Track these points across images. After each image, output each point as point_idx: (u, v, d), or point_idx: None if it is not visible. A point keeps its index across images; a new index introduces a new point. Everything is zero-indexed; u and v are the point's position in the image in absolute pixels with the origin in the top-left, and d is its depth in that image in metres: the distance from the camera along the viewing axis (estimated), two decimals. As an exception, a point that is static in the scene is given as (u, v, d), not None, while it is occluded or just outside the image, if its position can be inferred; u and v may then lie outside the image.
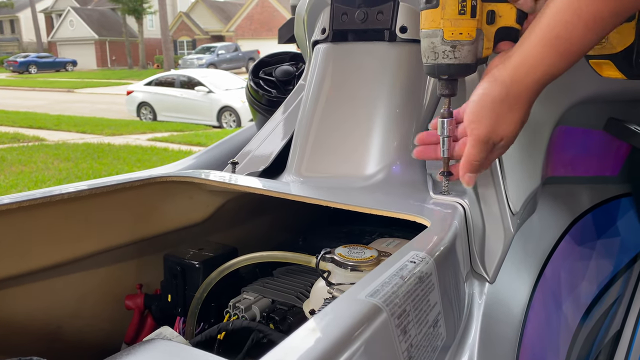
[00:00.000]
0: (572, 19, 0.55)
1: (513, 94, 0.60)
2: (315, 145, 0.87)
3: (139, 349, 0.50)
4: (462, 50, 0.63)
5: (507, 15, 0.64)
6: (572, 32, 0.55)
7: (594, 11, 0.54)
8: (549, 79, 0.59)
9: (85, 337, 0.82)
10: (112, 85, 18.92)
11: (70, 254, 0.77)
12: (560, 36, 0.56)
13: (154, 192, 0.84)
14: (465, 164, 0.65)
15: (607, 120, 1.12)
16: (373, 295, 0.41)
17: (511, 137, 0.63)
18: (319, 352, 0.35)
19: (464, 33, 0.63)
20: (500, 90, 0.60)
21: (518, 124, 0.62)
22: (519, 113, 0.61)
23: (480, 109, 0.62)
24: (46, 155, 6.30)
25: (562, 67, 0.58)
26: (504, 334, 0.68)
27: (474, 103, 0.63)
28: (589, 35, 0.55)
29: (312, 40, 0.94)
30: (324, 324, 0.38)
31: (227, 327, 0.68)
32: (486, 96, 0.62)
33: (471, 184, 0.67)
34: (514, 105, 0.61)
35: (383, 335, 0.40)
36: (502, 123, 0.61)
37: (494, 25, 0.64)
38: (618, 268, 1.22)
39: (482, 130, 0.62)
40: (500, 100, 0.61)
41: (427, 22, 0.65)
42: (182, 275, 0.79)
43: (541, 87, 0.60)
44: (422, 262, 0.49)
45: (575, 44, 0.56)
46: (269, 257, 0.73)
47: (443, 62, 0.65)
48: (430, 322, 0.49)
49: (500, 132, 0.62)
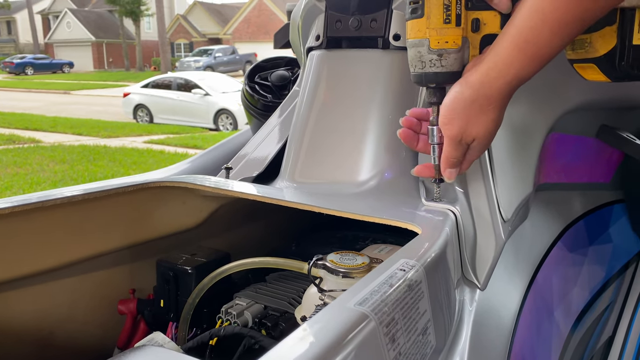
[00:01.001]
0: (537, 24, 0.56)
1: (483, 96, 0.61)
2: (308, 151, 0.87)
3: (129, 356, 0.50)
4: (449, 58, 0.64)
5: (491, 23, 0.65)
6: (539, 37, 0.57)
7: (558, 17, 0.55)
8: (519, 82, 0.61)
9: (78, 342, 0.82)
10: (108, 87, 18.90)
11: (63, 259, 0.77)
12: (528, 40, 0.57)
13: (147, 197, 0.84)
14: (444, 160, 0.68)
15: (599, 127, 1.13)
16: (362, 303, 0.42)
17: (484, 138, 0.65)
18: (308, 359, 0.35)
19: (449, 41, 0.64)
20: (471, 93, 0.62)
21: (490, 125, 0.63)
22: (491, 115, 0.62)
23: (452, 111, 0.64)
24: (42, 157, 6.29)
25: (532, 70, 0.60)
26: (495, 341, 0.68)
27: (446, 105, 0.65)
28: (555, 40, 0.57)
29: (307, 47, 0.95)
30: (312, 332, 0.38)
31: (219, 333, 0.68)
32: (457, 98, 0.63)
33: (452, 178, 0.69)
34: (485, 107, 0.62)
35: (371, 343, 0.40)
36: (474, 124, 0.63)
37: (479, 33, 0.65)
38: (610, 274, 1.22)
39: (453, 131, 0.64)
40: (470, 102, 0.62)
41: (413, 32, 0.66)
42: (174, 281, 0.79)
43: (512, 90, 0.61)
44: (412, 269, 0.50)
45: (543, 48, 0.57)
46: (261, 263, 0.73)
47: (430, 70, 0.66)
48: (420, 330, 0.49)
49: (472, 132, 0.64)
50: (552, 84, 0.92)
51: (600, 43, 0.65)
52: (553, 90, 0.93)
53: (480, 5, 0.64)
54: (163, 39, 22.96)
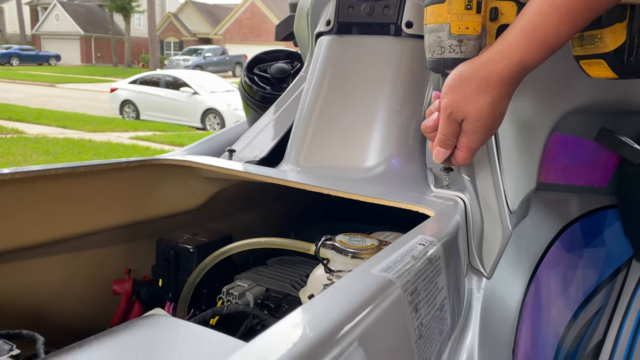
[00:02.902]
0: (547, 11, 0.57)
1: (481, 76, 0.62)
2: (315, 135, 0.86)
3: (137, 324, 0.48)
4: (468, 45, 0.65)
5: (508, 13, 0.65)
6: (547, 24, 0.57)
7: (567, 3, 0.56)
8: (523, 68, 0.61)
9: (69, 320, 0.80)
10: (95, 81, 18.70)
11: (58, 233, 0.75)
12: (537, 27, 0.58)
13: (148, 175, 0.82)
14: (437, 136, 0.68)
15: (599, 130, 1.14)
16: (387, 270, 0.41)
17: (474, 119, 0.64)
18: (335, 321, 0.34)
19: (470, 28, 0.64)
20: (470, 70, 0.63)
21: (484, 107, 0.63)
22: (487, 97, 0.62)
23: (450, 82, 0.64)
24: (25, 148, 6.18)
25: (537, 57, 0.60)
26: (502, 328, 0.68)
27: (448, 78, 0.65)
28: (563, 28, 0.57)
29: (316, 32, 0.94)
30: (339, 294, 0.37)
31: (222, 311, 0.67)
32: (457, 75, 0.64)
33: (438, 159, 0.69)
34: (482, 88, 0.62)
35: (397, 309, 0.39)
36: (467, 101, 0.63)
37: (497, 22, 0.66)
38: (602, 279, 1.23)
39: (445, 101, 0.65)
40: (468, 80, 0.63)
41: (433, 17, 0.66)
42: (175, 260, 0.77)
43: (514, 76, 0.61)
44: (431, 245, 0.49)
45: (550, 35, 0.58)
46: (266, 244, 0.72)
47: (449, 56, 0.66)
48: (438, 305, 0.48)
49: (464, 109, 0.64)
50: (559, 81, 0.92)
51: (611, 39, 0.66)
52: (559, 89, 0.94)
53: None
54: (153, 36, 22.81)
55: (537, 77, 0.69)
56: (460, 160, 0.68)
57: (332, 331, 0.33)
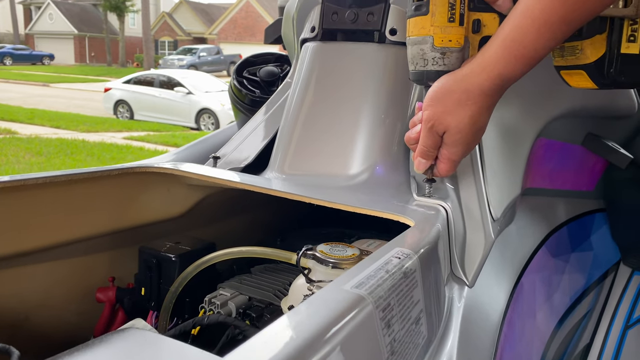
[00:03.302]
0: (525, 24, 0.57)
1: (462, 89, 0.62)
2: (299, 143, 0.86)
3: (112, 337, 0.48)
4: (451, 57, 0.65)
5: (490, 25, 0.66)
6: (526, 37, 0.58)
7: (545, 17, 0.56)
8: (502, 81, 0.61)
9: (53, 329, 0.79)
10: (89, 81, 18.63)
11: (41, 242, 0.75)
12: (516, 40, 0.58)
13: (131, 182, 0.82)
14: (418, 147, 0.68)
15: (585, 135, 1.14)
16: (359, 286, 0.41)
17: (455, 132, 0.64)
18: (303, 339, 0.34)
19: (453, 40, 0.64)
20: (452, 82, 0.63)
21: (465, 120, 0.63)
22: (468, 110, 0.62)
23: (432, 95, 0.64)
24: (17, 148, 6.15)
25: (516, 70, 0.60)
26: (482, 338, 0.68)
27: (430, 90, 0.65)
28: (541, 41, 0.58)
29: (301, 39, 0.94)
30: (309, 312, 0.37)
31: (203, 321, 0.67)
32: (439, 87, 0.64)
33: (420, 169, 0.69)
34: (463, 101, 0.62)
35: (368, 326, 0.39)
36: (448, 114, 0.63)
37: (479, 34, 0.66)
38: (589, 282, 1.24)
39: (427, 114, 0.65)
40: (449, 92, 0.63)
41: (416, 29, 0.65)
42: (157, 268, 0.77)
43: (495, 89, 0.61)
44: (407, 258, 0.49)
45: (529, 49, 0.58)
46: (248, 253, 0.72)
47: (432, 68, 0.66)
48: (413, 319, 0.48)
49: (444, 122, 0.64)
50: (544, 88, 0.93)
51: (591, 50, 0.67)
52: (544, 95, 0.94)
53: (481, 7, 0.65)
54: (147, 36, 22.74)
55: (522, 83, 0.69)
56: (442, 172, 0.69)
57: (303, 348, 0.33)
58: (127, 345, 0.47)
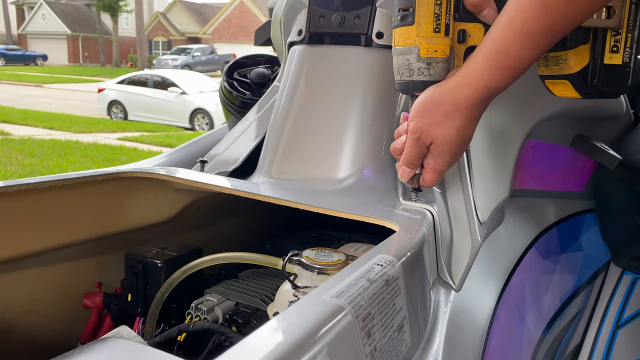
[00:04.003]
0: (508, 35, 0.57)
1: (450, 101, 0.62)
2: (286, 147, 0.86)
3: (93, 347, 0.48)
4: (437, 67, 0.65)
5: (475, 35, 0.66)
6: (509, 48, 0.58)
7: (527, 28, 0.56)
8: (489, 92, 0.61)
9: (39, 336, 0.79)
10: (83, 82, 18.55)
11: (26, 248, 0.74)
12: (500, 51, 0.58)
13: (117, 187, 0.81)
14: (403, 156, 0.68)
15: (574, 136, 1.14)
16: (338, 296, 0.40)
17: (442, 143, 0.64)
18: (280, 352, 0.33)
19: (438, 51, 0.64)
20: (439, 96, 0.63)
21: (452, 132, 0.63)
22: (455, 122, 0.62)
23: (419, 106, 0.64)
24: (10, 150, 6.12)
25: (502, 81, 0.60)
26: (469, 342, 0.68)
27: (417, 101, 0.66)
28: (525, 52, 0.58)
29: (288, 42, 0.93)
30: (286, 323, 0.37)
31: (188, 328, 0.66)
32: (426, 99, 0.64)
33: (404, 177, 0.69)
34: (450, 113, 0.62)
35: (347, 337, 0.39)
36: (435, 126, 0.63)
37: (464, 44, 0.66)
38: (580, 283, 1.24)
39: (413, 125, 0.65)
40: (437, 104, 0.63)
41: (401, 39, 0.65)
42: (143, 274, 0.76)
43: (482, 100, 0.62)
44: (389, 265, 0.49)
45: (513, 60, 0.58)
46: (234, 258, 0.71)
47: (418, 79, 0.66)
48: (395, 327, 0.48)
49: (432, 133, 0.64)
50: (532, 90, 0.93)
51: (575, 60, 0.68)
52: (532, 97, 0.94)
53: (467, 17, 0.65)
54: (141, 36, 22.67)
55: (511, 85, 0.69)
56: (428, 182, 0.68)
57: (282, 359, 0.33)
58: (109, 354, 0.46)
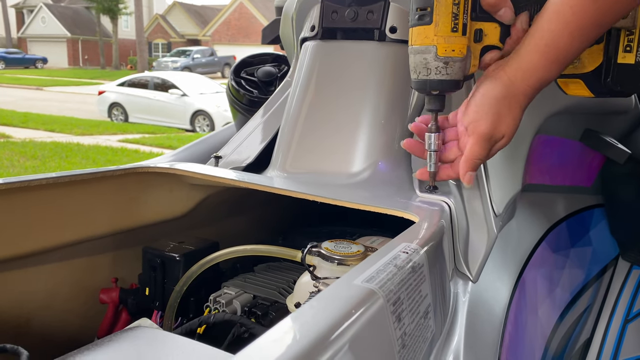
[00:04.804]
0: (558, 28, 0.59)
1: (511, 94, 0.63)
2: (300, 141, 0.86)
3: (121, 336, 0.48)
4: (454, 66, 0.65)
5: (491, 34, 0.67)
6: (559, 41, 0.59)
7: (578, 21, 0.57)
8: (542, 84, 0.63)
9: (56, 331, 0.79)
10: (83, 84, 18.55)
11: (44, 243, 0.75)
12: (549, 44, 0.59)
13: (134, 183, 0.82)
14: (467, 161, 0.67)
15: (584, 131, 1.15)
16: (369, 281, 0.41)
17: (510, 136, 0.66)
18: (315, 335, 0.34)
19: (456, 50, 0.64)
20: (501, 89, 0.63)
21: (516, 123, 0.65)
22: (516, 112, 0.64)
23: (482, 106, 0.64)
24: (12, 152, 6.12)
25: (554, 73, 0.62)
26: (488, 332, 0.68)
27: (476, 101, 0.65)
28: (574, 44, 0.59)
29: (301, 38, 0.94)
30: (321, 306, 0.37)
31: (209, 320, 0.67)
32: (487, 95, 0.64)
33: (471, 182, 0.68)
34: (512, 105, 0.63)
35: (379, 320, 0.40)
36: (503, 121, 0.64)
37: (480, 44, 0.67)
38: (589, 277, 1.24)
39: (484, 127, 0.64)
40: (502, 98, 0.63)
41: (419, 39, 0.66)
42: (161, 268, 0.77)
43: (536, 92, 0.63)
44: (414, 252, 0.49)
45: (563, 52, 0.60)
46: (252, 251, 0.72)
47: (435, 77, 0.66)
48: (422, 313, 0.48)
49: (502, 129, 0.65)
50: None
51: (589, 60, 0.69)
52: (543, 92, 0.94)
53: (483, 17, 0.66)
54: (140, 38, 22.69)
55: None
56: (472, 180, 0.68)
57: (315, 344, 0.34)
58: (138, 343, 0.47)
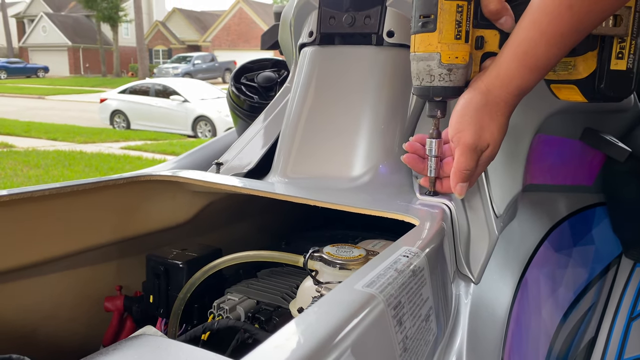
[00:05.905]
0: (535, 36, 0.59)
1: (491, 102, 0.63)
2: (301, 146, 0.87)
3: (126, 344, 0.49)
4: (457, 73, 0.66)
5: (492, 41, 0.67)
6: (537, 49, 0.59)
7: (553, 29, 0.57)
8: (521, 91, 0.63)
9: (62, 340, 0.80)
10: (85, 92, 18.62)
11: (48, 254, 0.75)
12: (527, 52, 0.59)
13: (136, 191, 0.83)
14: (456, 173, 0.67)
15: (584, 130, 1.15)
16: (369, 285, 0.41)
17: (496, 144, 0.66)
18: (316, 340, 0.34)
19: (459, 57, 0.65)
20: (480, 98, 0.63)
21: (501, 131, 0.65)
22: (499, 121, 0.64)
23: (464, 116, 0.64)
24: (15, 162, 6.14)
25: (532, 80, 0.62)
26: (490, 334, 0.69)
27: (458, 112, 0.65)
28: (552, 51, 0.59)
29: (299, 43, 0.95)
30: (322, 312, 0.37)
31: (212, 326, 0.67)
32: (468, 104, 0.64)
33: (463, 193, 0.68)
34: (494, 113, 0.63)
35: (380, 325, 0.40)
36: (486, 129, 0.64)
37: (481, 51, 0.68)
38: (592, 276, 1.24)
39: (468, 137, 0.64)
40: (482, 107, 0.63)
41: (422, 46, 0.66)
42: (165, 275, 0.77)
43: (516, 99, 0.63)
44: (415, 256, 0.50)
45: (541, 59, 0.60)
46: (255, 257, 0.72)
47: (439, 84, 0.67)
48: (423, 316, 0.49)
49: (486, 138, 0.64)
50: (540, 85, 0.93)
51: (583, 66, 0.70)
52: (542, 91, 0.95)
53: (484, 24, 0.67)
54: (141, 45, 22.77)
55: None
56: (469, 187, 0.68)
57: (318, 348, 0.34)
58: (142, 351, 0.47)
